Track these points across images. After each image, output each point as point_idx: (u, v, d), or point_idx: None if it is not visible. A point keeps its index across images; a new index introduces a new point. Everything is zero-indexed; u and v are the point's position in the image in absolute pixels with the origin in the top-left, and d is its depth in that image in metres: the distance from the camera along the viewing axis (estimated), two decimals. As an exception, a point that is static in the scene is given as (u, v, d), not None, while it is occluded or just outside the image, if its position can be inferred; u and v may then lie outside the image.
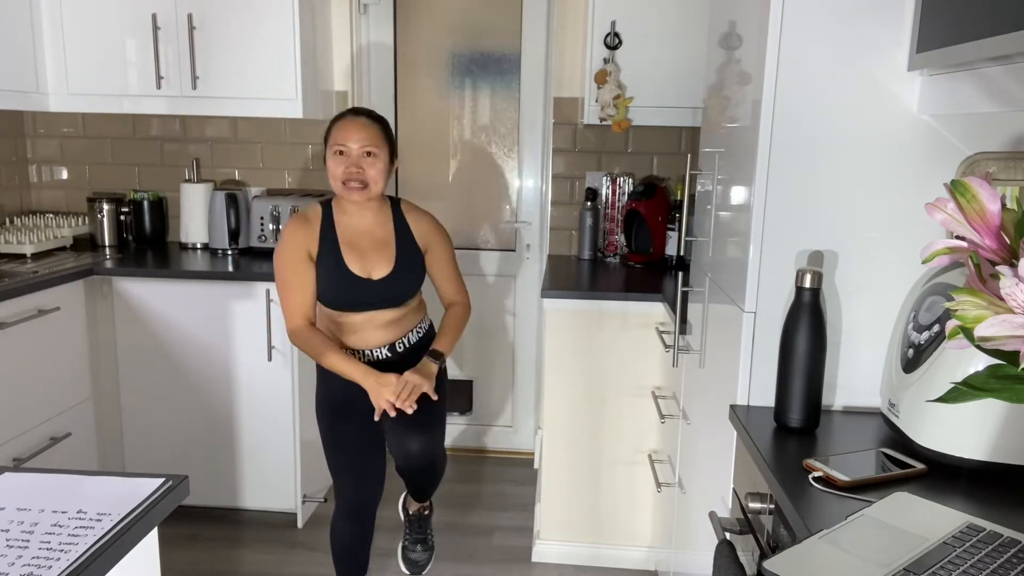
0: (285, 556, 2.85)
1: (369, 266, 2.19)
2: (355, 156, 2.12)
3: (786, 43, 1.49)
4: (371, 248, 2.21)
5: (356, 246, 2.20)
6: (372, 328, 2.23)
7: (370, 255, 2.20)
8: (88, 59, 3.06)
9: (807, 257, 1.55)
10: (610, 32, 2.80)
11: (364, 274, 2.19)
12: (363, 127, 2.14)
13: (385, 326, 2.24)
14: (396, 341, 2.27)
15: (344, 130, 2.13)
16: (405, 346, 2.28)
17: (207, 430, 2.99)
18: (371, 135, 2.13)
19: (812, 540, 1.02)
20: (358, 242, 2.20)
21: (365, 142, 2.12)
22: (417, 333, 2.32)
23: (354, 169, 2.12)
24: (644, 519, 2.78)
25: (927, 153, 1.50)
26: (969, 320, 0.84)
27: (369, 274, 2.19)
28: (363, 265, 2.19)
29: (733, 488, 1.63)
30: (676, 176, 3.22)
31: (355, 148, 2.12)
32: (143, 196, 3.38)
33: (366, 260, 2.20)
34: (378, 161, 2.14)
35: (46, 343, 2.68)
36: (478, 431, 3.76)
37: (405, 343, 2.28)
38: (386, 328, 2.24)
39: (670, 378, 2.52)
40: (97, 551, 0.98)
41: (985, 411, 1.22)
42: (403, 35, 3.50)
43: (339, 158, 2.13)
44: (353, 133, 2.12)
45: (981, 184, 0.89)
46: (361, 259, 2.19)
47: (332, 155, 2.14)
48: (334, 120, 2.18)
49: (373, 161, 2.13)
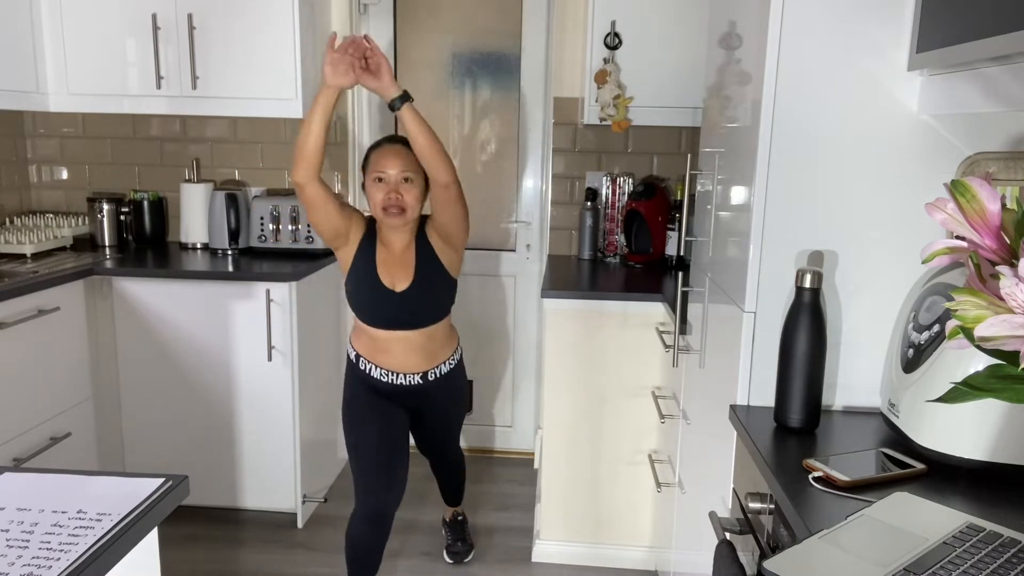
0: (285, 556, 2.85)
1: (393, 279, 2.32)
2: (394, 183, 2.25)
3: (786, 43, 1.49)
4: (398, 264, 2.33)
5: (386, 261, 2.33)
6: (403, 351, 2.36)
7: (396, 270, 2.33)
8: (88, 59, 3.06)
9: (807, 257, 1.55)
10: (610, 32, 2.80)
11: (389, 284, 2.32)
12: (400, 155, 2.26)
13: (416, 351, 2.37)
14: (429, 370, 2.41)
15: (383, 158, 2.27)
16: (437, 375, 2.43)
17: (207, 430, 2.99)
18: (408, 162, 2.26)
19: (812, 540, 1.02)
20: (388, 258, 2.34)
21: (403, 168, 2.25)
22: (449, 365, 2.46)
23: (393, 196, 2.25)
24: (644, 519, 2.78)
25: (927, 153, 1.50)
26: (969, 320, 0.84)
27: (393, 285, 2.32)
28: (390, 276, 2.32)
29: (733, 488, 1.63)
30: (676, 176, 3.22)
31: (393, 175, 2.25)
32: (143, 196, 3.38)
33: (392, 273, 2.32)
34: (414, 187, 2.27)
35: (46, 343, 2.68)
36: (478, 431, 3.76)
37: (437, 373, 2.43)
38: (418, 353, 2.37)
39: (670, 378, 2.52)
40: (97, 551, 0.98)
41: (985, 411, 1.22)
42: (403, 35, 3.50)
43: (379, 185, 2.26)
44: (391, 160, 2.25)
45: (981, 184, 0.89)
46: (388, 271, 2.32)
47: (372, 182, 2.27)
48: (372, 148, 2.34)
49: (410, 187, 2.26)
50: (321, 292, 3.19)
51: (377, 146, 2.32)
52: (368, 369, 2.39)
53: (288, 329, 2.88)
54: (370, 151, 2.33)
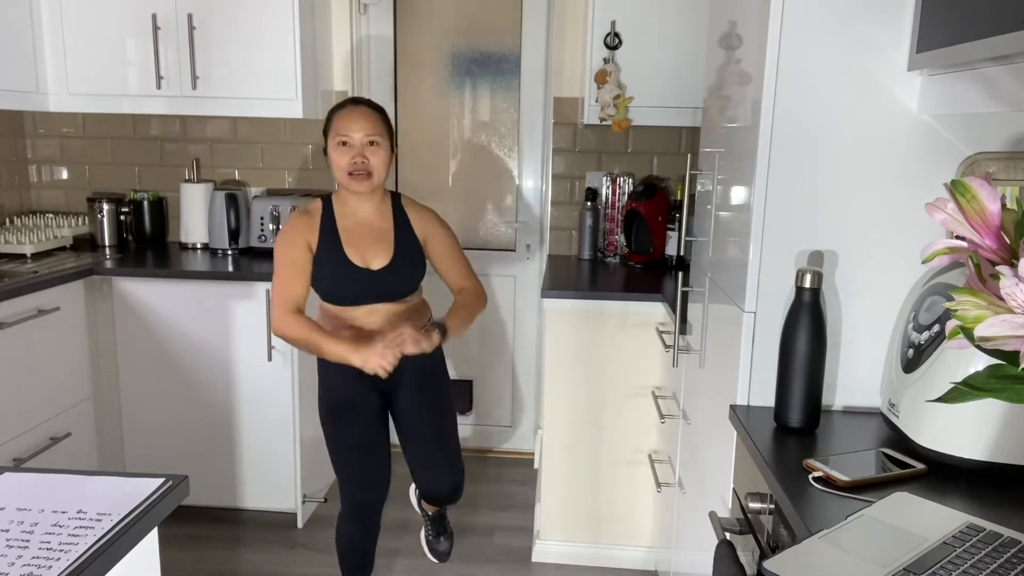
0: (285, 556, 2.85)
1: (368, 256, 2.19)
2: (359, 146, 2.12)
3: (786, 43, 1.49)
4: (370, 239, 2.20)
5: (355, 236, 2.19)
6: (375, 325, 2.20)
7: (369, 246, 2.19)
8: (88, 59, 3.06)
9: (807, 257, 1.55)
10: (610, 32, 2.80)
11: (363, 264, 2.18)
12: (366, 117, 2.13)
13: (386, 325, 2.19)
14: None
15: (347, 120, 2.12)
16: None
17: (207, 430, 2.99)
18: (374, 124, 2.13)
19: (812, 540, 1.02)
20: (357, 232, 2.20)
21: (368, 131, 2.12)
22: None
23: (359, 159, 2.11)
24: (644, 519, 2.78)
25: (927, 153, 1.50)
26: (969, 320, 0.84)
27: (368, 264, 2.18)
28: (362, 256, 2.18)
29: (733, 488, 1.63)
30: (676, 176, 3.22)
31: (358, 138, 2.11)
32: (143, 196, 3.38)
33: (365, 251, 2.19)
34: (381, 150, 2.14)
35: (46, 343, 2.68)
36: (478, 431, 3.76)
37: None
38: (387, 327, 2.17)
39: (670, 378, 2.52)
40: (97, 551, 0.98)
41: (985, 411, 1.22)
42: (403, 35, 3.50)
43: (343, 148, 2.12)
44: (356, 123, 2.12)
45: (981, 184, 0.89)
46: (360, 250, 2.19)
47: (335, 146, 2.13)
48: (334, 110, 2.17)
49: (376, 150, 2.13)
50: (321, 292, 3.19)
51: (340, 107, 2.17)
52: None
53: (288, 329, 2.88)
54: (332, 113, 2.17)
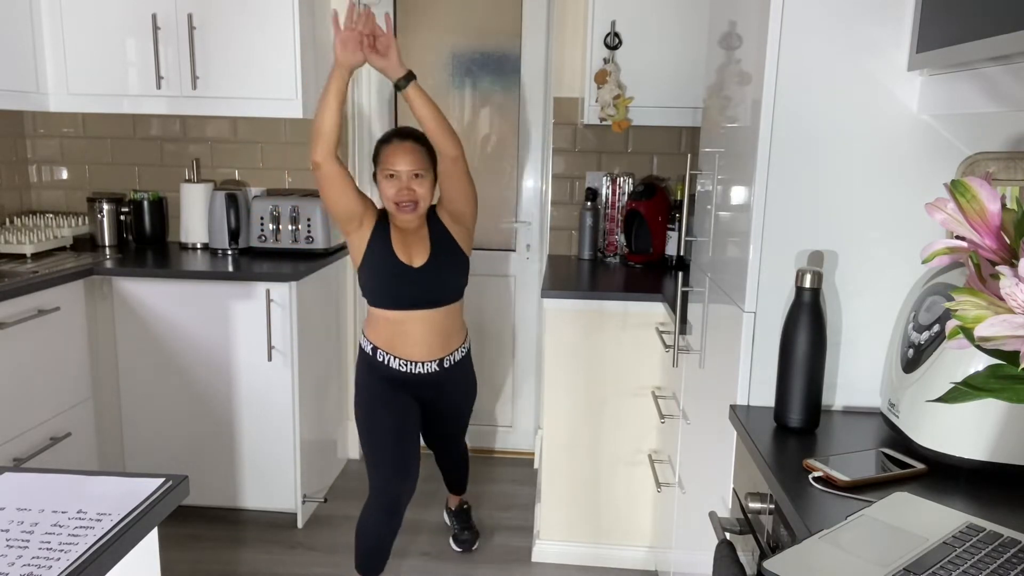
0: (285, 556, 2.85)
1: (410, 255, 2.37)
2: (405, 179, 2.30)
3: (786, 43, 1.49)
4: (412, 242, 2.39)
5: (401, 239, 2.38)
6: (423, 332, 2.39)
7: (411, 248, 2.38)
8: (88, 59, 3.06)
9: (807, 257, 1.55)
10: (610, 32, 2.80)
11: (407, 261, 2.36)
12: (411, 152, 2.31)
13: (436, 333, 2.41)
14: (444, 357, 2.46)
15: (392, 156, 2.31)
16: (452, 363, 2.48)
17: (207, 430, 2.99)
18: (419, 159, 2.31)
19: (812, 540, 1.02)
20: (402, 238, 2.39)
21: (414, 166, 2.30)
22: (462, 352, 2.53)
23: (406, 192, 2.30)
24: (644, 519, 2.78)
25: (927, 153, 1.50)
26: (969, 320, 0.84)
27: (411, 261, 2.36)
28: (406, 254, 2.37)
29: (733, 488, 1.63)
30: (676, 176, 3.22)
31: (405, 171, 2.30)
32: (143, 196, 3.38)
33: (409, 251, 2.37)
34: (426, 181, 2.33)
35: (46, 343, 2.68)
36: (478, 431, 3.76)
37: (452, 360, 2.48)
38: (436, 335, 2.41)
39: (670, 378, 2.52)
40: (97, 551, 0.98)
41: (985, 411, 1.22)
42: (403, 35, 3.50)
43: (391, 180, 2.31)
44: (402, 158, 2.30)
45: (981, 184, 0.89)
46: (405, 249, 2.37)
47: (384, 178, 2.32)
48: (381, 142, 2.36)
49: (421, 182, 2.32)
50: (321, 292, 3.19)
51: (387, 141, 2.35)
52: (386, 360, 2.41)
53: (288, 329, 2.88)
54: (380, 145, 2.36)
